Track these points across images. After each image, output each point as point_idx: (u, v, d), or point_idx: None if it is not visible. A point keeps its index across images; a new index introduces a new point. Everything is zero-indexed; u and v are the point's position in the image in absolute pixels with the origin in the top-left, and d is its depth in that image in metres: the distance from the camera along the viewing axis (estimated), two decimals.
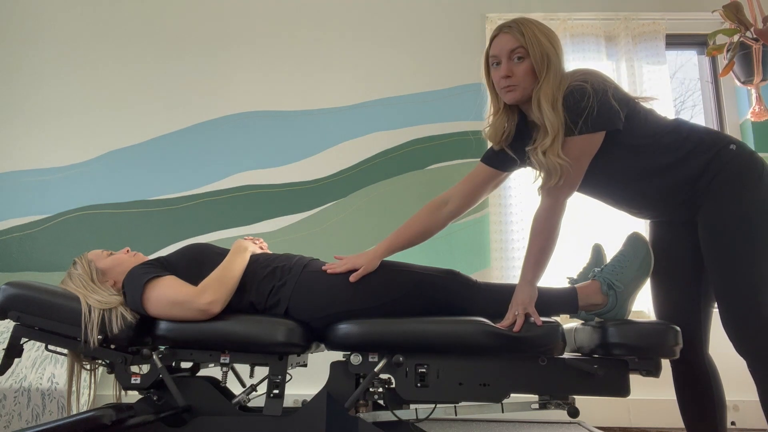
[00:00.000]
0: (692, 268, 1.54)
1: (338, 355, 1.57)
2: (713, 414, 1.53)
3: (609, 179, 1.53)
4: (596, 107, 1.38)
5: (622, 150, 1.46)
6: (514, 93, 1.47)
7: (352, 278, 1.54)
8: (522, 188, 2.93)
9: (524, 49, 1.43)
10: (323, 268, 1.60)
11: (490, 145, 1.65)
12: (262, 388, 1.54)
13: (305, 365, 1.81)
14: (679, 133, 1.47)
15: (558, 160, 1.40)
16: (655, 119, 1.49)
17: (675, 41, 3.21)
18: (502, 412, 1.45)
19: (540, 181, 1.48)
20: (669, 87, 2.99)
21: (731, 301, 1.39)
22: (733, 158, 1.42)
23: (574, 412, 1.42)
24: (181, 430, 1.47)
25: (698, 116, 3.26)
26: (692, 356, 1.54)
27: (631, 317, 1.51)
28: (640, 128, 1.46)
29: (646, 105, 1.52)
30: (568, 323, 1.64)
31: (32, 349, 2.52)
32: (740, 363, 1.44)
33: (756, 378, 1.38)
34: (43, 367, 2.46)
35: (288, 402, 1.64)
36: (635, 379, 1.44)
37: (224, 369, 1.56)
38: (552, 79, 1.42)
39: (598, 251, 1.65)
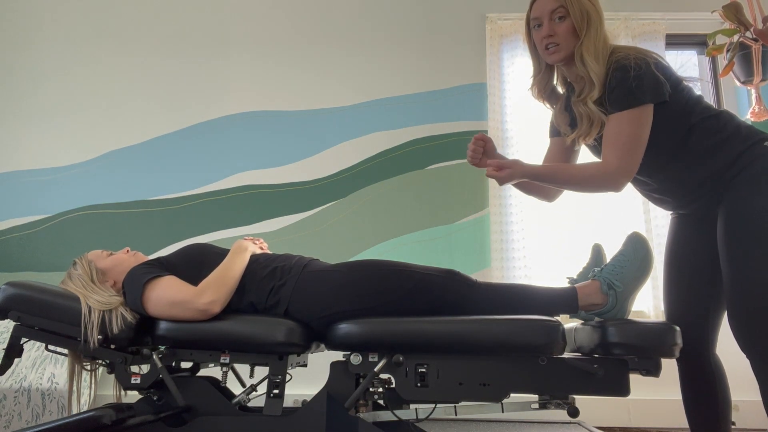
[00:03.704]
0: (709, 266, 1.54)
1: (338, 355, 1.57)
2: (717, 414, 1.53)
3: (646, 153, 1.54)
4: (640, 80, 1.41)
5: (658, 126, 1.46)
6: (558, 53, 1.53)
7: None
8: None
9: (564, 9, 1.50)
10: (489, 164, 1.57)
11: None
12: (262, 388, 1.54)
13: (305, 365, 1.81)
14: (719, 120, 1.47)
15: (592, 107, 1.47)
16: (696, 102, 1.49)
17: (675, 41, 3.21)
18: (502, 412, 1.45)
19: (585, 134, 1.53)
20: None
21: (740, 297, 1.38)
22: (764, 154, 1.41)
23: (574, 412, 1.42)
24: (181, 430, 1.47)
25: None
26: (699, 356, 1.54)
27: (631, 317, 1.50)
28: (679, 107, 1.47)
29: (694, 89, 1.53)
30: (568, 323, 1.64)
31: (32, 349, 2.52)
32: (740, 363, 1.43)
33: (759, 378, 1.37)
34: (43, 367, 2.46)
35: (288, 402, 1.64)
36: (635, 379, 1.44)
37: (224, 369, 1.56)
38: (593, 35, 1.48)
39: (598, 251, 1.65)
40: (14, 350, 1.53)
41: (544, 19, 1.53)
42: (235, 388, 1.72)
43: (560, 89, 1.71)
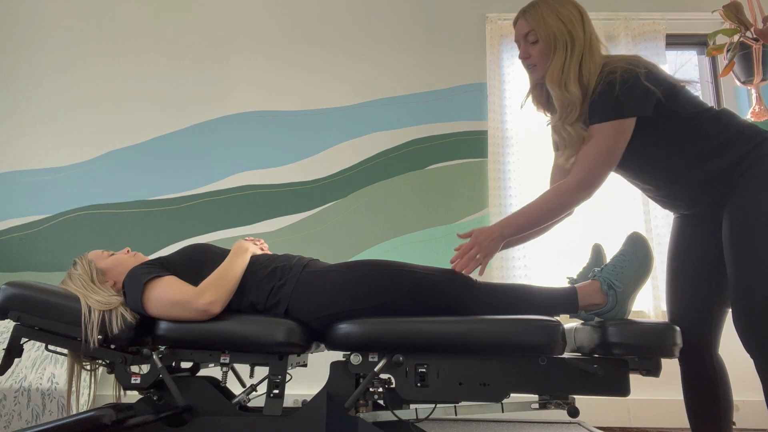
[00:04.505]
0: (712, 266, 1.53)
1: (338, 355, 1.57)
2: (719, 414, 1.53)
3: (645, 162, 1.54)
4: (623, 95, 1.42)
5: (659, 131, 1.47)
6: (536, 72, 1.59)
7: (480, 273, 1.53)
8: (521, 188, 2.93)
9: (535, 33, 1.54)
10: (454, 266, 1.53)
11: None
12: (262, 388, 1.54)
13: (305, 365, 1.81)
14: (719, 121, 1.47)
15: (570, 129, 1.49)
16: (696, 104, 1.49)
17: (675, 41, 3.21)
18: (502, 412, 1.45)
19: (566, 155, 1.55)
20: None
21: (744, 296, 1.37)
22: None
23: (574, 412, 1.42)
24: (181, 430, 1.47)
25: None
26: (701, 356, 1.54)
27: (631, 317, 1.51)
28: (677, 111, 1.46)
29: (692, 91, 1.53)
30: (568, 323, 1.64)
31: (32, 349, 2.52)
32: (741, 362, 1.43)
33: (763, 378, 1.36)
34: (43, 367, 2.46)
35: (288, 402, 1.64)
36: (635, 379, 1.44)
37: (224, 369, 1.56)
38: (560, 59, 1.50)
39: (598, 251, 1.65)
40: (14, 350, 1.53)
41: (520, 41, 1.59)
42: (235, 388, 1.72)
43: None
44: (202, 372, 1.86)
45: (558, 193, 1.52)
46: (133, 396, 1.56)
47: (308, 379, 1.99)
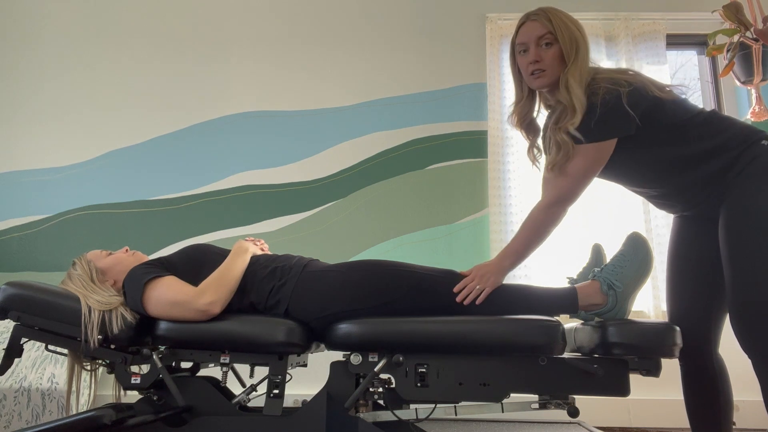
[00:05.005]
0: (711, 266, 1.53)
1: (338, 355, 1.57)
2: (719, 414, 1.53)
3: (638, 168, 1.54)
4: (603, 117, 1.42)
5: (648, 141, 1.48)
6: (543, 78, 1.53)
7: (479, 301, 1.52)
8: (521, 188, 2.93)
9: (552, 36, 1.50)
10: (458, 299, 1.54)
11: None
12: (262, 388, 1.54)
13: (305, 365, 1.81)
14: (710, 124, 1.47)
15: (574, 133, 1.47)
16: (685, 110, 1.49)
17: (675, 41, 3.21)
18: (502, 412, 1.45)
19: (553, 163, 1.53)
20: None
21: (740, 295, 1.37)
22: (762, 153, 1.41)
23: (574, 412, 1.42)
24: (181, 430, 1.47)
25: None
26: (702, 355, 1.54)
27: (631, 317, 1.51)
28: (667, 120, 1.46)
29: (681, 95, 1.52)
30: (568, 323, 1.64)
31: (32, 349, 2.52)
32: (741, 362, 1.43)
33: (761, 378, 1.36)
34: (43, 367, 2.46)
35: (288, 402, 1.64)
36: (635, 379, 1.44)
37: (224, 369, 1.56)
38: (580, 62, 1.49)
39: (597, 251, 1.66)
40: (14, 350, 1.53)
41: (530, 44, 1.53)
42: (235, 388, 1.72)
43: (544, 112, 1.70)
44: (202, 372, 1.86)
45: (543, 209, 1.55)
46: (133, 396, 1.56)
47: (308, 379, 1.99)
